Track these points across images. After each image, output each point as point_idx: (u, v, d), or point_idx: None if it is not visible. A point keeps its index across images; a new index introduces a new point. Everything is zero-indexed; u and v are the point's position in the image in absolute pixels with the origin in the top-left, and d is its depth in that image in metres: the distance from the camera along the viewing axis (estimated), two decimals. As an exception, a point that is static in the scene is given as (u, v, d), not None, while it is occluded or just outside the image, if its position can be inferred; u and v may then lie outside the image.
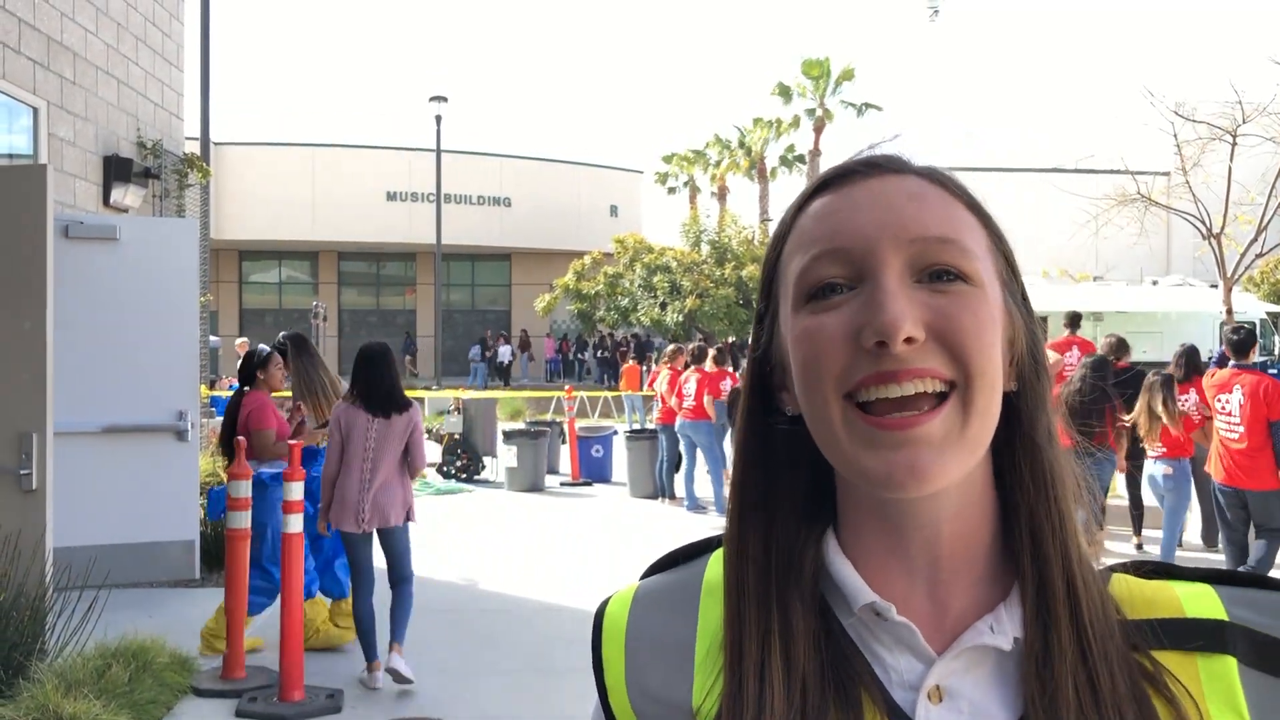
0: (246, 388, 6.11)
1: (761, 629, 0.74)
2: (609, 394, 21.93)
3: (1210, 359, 7.50)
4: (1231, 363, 6.61)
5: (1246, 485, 6.32)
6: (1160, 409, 7.07)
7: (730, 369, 10.82)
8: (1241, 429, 6.27)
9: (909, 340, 0.66)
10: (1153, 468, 7.32)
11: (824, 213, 0.72)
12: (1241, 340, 6.59)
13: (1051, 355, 6.43)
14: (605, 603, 0.85)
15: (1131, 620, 0.72)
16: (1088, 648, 0.69)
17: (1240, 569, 4.43)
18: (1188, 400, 7.31)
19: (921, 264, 0.69)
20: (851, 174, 0.73)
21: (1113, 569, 0.77)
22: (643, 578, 0.86)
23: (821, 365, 0.69)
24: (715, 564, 0.82)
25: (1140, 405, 7.21)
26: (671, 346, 12.22)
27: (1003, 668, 0.71)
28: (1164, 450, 7.18)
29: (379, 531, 5.35)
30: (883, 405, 0.67)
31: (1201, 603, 0.73)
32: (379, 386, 5.36)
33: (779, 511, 0.77)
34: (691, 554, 0.85)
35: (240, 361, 6.36)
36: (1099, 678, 0.69)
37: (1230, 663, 0.70)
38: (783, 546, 0.76)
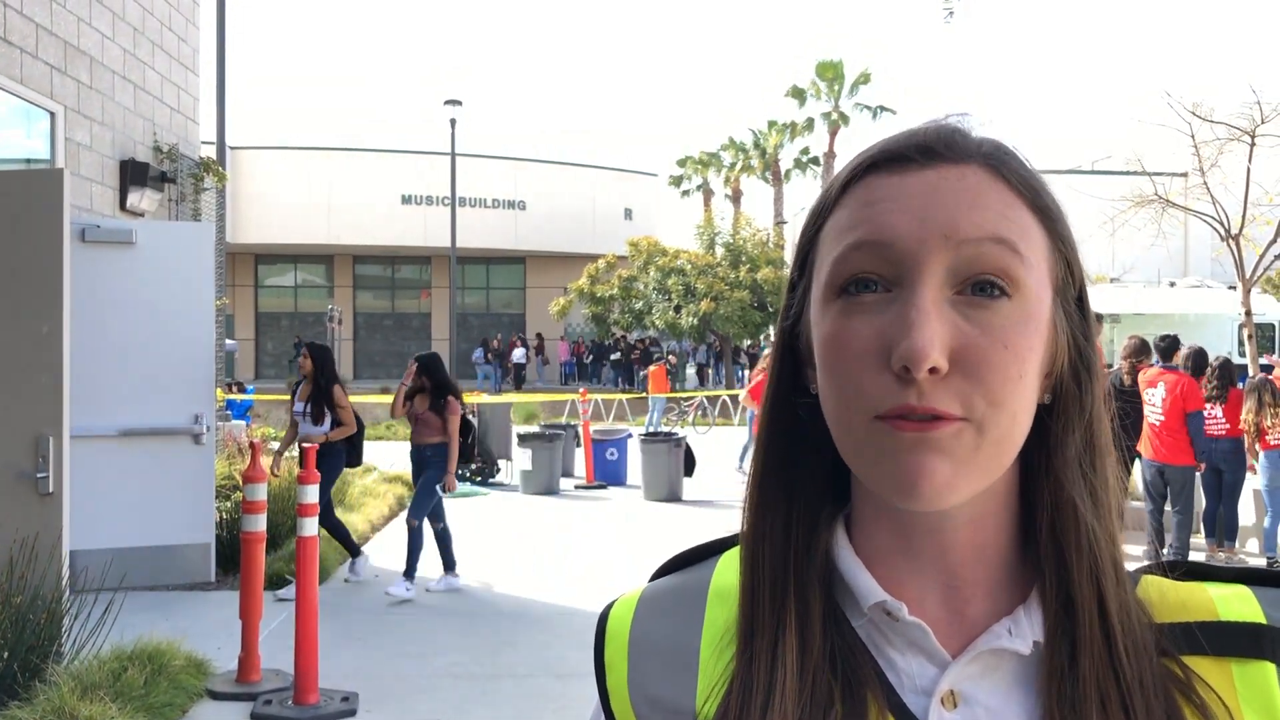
0: None
1: (777, 609, 0.72)
2: (624, 397, 21.91)
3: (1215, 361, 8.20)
4: (1160, 363, 8.05)
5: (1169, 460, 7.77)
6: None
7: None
8: (1162, 417, 7.76)
9: (933, 370, 0.63)
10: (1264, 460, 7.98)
11: (870, 199, 0.68)
12: (1168, 346, 8.07)
13: None
14: (610, 606, 0.83)
15: (1161, 624, 0.69)
16: (1115, 654, 0.67)
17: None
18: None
19: (967, 271, 0.65)
20: (906, 160, 0.68)
21: (1143, 570, 0.74)
22: (651, 580, 0.84)
23: (849, 383, 0.66)
24: (723, 567, 0.79)
25: (1250, 406, 7.90)
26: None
27: (1021, 673, 0.68)
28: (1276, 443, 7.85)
29: None
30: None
31: (1237, 605, 0.69)
32: None
33: (799, 492, 0.75)
34: (700, 556, 0.83)
35: None
36: (1126, 685, 0.66)
37: (1269, 669, 0.66)
38: (803, 528, 0.74)
